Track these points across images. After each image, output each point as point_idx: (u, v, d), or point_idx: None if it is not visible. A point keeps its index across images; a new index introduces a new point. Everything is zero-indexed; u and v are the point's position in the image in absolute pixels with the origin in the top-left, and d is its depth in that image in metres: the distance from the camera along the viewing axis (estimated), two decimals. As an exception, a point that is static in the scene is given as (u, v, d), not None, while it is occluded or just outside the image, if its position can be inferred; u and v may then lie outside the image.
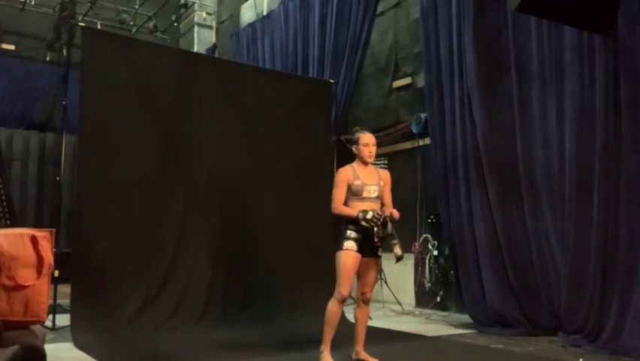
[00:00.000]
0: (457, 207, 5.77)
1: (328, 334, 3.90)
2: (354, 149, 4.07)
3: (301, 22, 8.30)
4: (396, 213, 3.88)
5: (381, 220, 3.78)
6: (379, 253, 3.99)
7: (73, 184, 7.35)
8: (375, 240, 3.84)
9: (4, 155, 8.12)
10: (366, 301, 4.06)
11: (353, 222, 3.86)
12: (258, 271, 5.73)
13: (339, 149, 5.99)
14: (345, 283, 3.84)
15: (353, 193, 3.95)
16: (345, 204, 3.96)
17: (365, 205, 3.89)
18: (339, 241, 3.90)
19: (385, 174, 4.15)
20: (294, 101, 6.39)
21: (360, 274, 3.99)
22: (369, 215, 3.78)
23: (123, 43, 5.71)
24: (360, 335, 4.06)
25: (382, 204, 4.03)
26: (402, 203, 7.46)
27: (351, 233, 3.86)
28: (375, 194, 3.97)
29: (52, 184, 9.82)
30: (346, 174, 3.98)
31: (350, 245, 3.85)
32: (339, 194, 3.96)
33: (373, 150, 4.04)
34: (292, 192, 6.09)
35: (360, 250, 3.87)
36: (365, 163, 4.04)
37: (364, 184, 3.94)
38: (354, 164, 4.07)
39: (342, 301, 3.89)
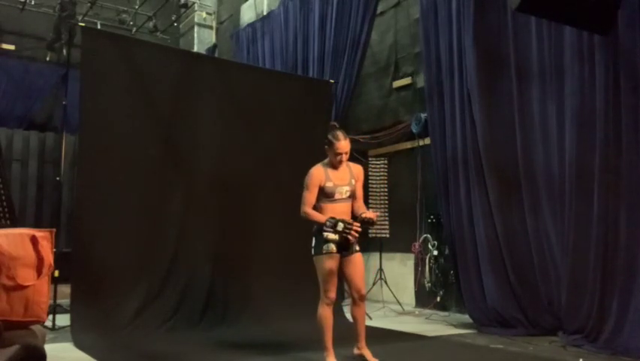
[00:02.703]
0: (457, 207, 5.77)
1: (327, 339, 3.90)
2: (326, 148, 3.99)
3: (301, 22, 8.30)
4: (372, 215, 3.84)
5: (351, 230, 3.72)
6: (357, 248, 3.98)
7: (73, 184, 7.37)
8: (351, 239, 3.77)
9: (4, 155, 8.13)
10: (362, 299, 4.05)
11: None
12: (257, 271, 5.73)
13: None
14: (331, 286, 3.86)
15: (325, 195, 3.93)
16: (317, 204, 3.94)
17: (337, 207, 3.90)
18: (316, 244, 3.90)
19: (357, 169, 4.11)
20: (294, 101, 6.39)
21: (345, 273, 3.99)
22: (340, 227, 3.72)
23: (123, 43, 5.70)
24: (361, 332, 4.07)
25: (354, 200, 4.01)
26: (402, 203, 7.55)
27: (327, 235, 3.83)
28: (347, 194, 3.97)
29: (52, 184, 9.79)
30: (318, 176, 3.93)
31: (328, 248, 3.85)
32: (309, 197, 3.92)
33: (345, 157, 3.97)
34: (292, 192, 6.06)
35: (339, 250, 3.87)
36: (335, 168, 3.99)
37: (336, 186, 3.92)
38: (327, 163, 4.01)
39: (332, 305, 3.90)
